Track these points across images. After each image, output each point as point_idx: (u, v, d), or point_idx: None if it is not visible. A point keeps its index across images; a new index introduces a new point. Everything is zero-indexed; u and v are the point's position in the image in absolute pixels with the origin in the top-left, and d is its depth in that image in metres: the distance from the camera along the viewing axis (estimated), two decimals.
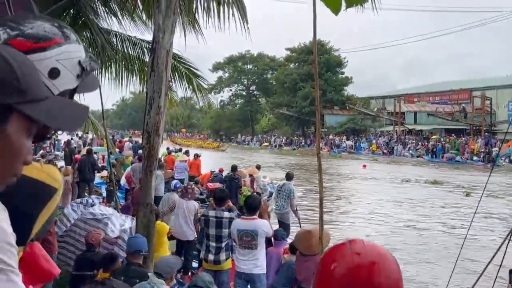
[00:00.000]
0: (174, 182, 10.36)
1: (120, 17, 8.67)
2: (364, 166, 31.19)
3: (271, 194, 12.69)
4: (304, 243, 5.53)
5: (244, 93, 76.23)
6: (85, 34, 8.29)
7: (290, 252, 6.31)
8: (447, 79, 68.00)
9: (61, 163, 17.47)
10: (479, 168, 32.32)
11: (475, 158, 37.58)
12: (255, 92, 76.00)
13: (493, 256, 3.56)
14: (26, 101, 0.80)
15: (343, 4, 1.04)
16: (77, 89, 1.00)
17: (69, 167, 13.05)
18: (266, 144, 58.06)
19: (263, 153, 46.82)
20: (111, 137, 29.91)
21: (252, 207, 6.09)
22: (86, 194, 11.85)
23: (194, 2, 6.73)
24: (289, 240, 7.61)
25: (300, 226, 9.72)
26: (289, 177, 10.96)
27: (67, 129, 0.91)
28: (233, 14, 6.53)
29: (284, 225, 10.17)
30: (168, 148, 24.33)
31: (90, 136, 30.25)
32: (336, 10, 1.03)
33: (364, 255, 1.28)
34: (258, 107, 74.50)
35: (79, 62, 0.98)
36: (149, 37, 8.49)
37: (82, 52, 1.00)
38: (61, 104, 0.88)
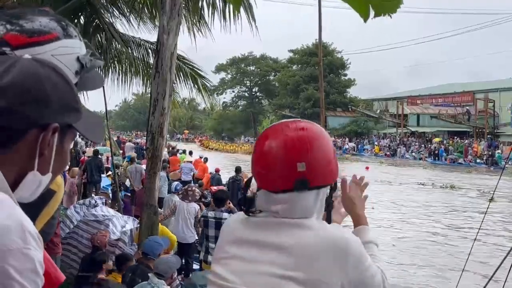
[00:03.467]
0: (174, 184, 10.26)
1: (128, 17, 8.67)
2: (367, 168, 31.06)
3: None
4: None
5: (246, 94, 76.19)
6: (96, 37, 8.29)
7: None
8: (450, 81, 67.82)
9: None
10: (482, 170, 32.16)
11: (478, 160, 37.45)
12: (257, 94, 75.93)
13: (499, 266, 3.49)
14: (79, 119, 0.86)
15: (371, 12, 1.04)
16: (76, 86, 0.94)
17: (76, 169, 12.98)
18: None
19: None
20: (116, 138, 29.87)
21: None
22: (92, 196, 11.83)
23: (200, 1, 6.72)
24: None
25: None
26: None
27: (98, 140, 0.96)
28: (239, 13, 6.50)
29: None
30: (172, 148, 24.09)
31: None
32: (365, 17, 1.04)
33: (296, 132, 1.30)
34: (261, 108, 74.39)
35: (78, 58, 0.93)
36: (155, 38, 8.51)
37: (81, 48, 0.95)
38: (86, 114, 0.90)
